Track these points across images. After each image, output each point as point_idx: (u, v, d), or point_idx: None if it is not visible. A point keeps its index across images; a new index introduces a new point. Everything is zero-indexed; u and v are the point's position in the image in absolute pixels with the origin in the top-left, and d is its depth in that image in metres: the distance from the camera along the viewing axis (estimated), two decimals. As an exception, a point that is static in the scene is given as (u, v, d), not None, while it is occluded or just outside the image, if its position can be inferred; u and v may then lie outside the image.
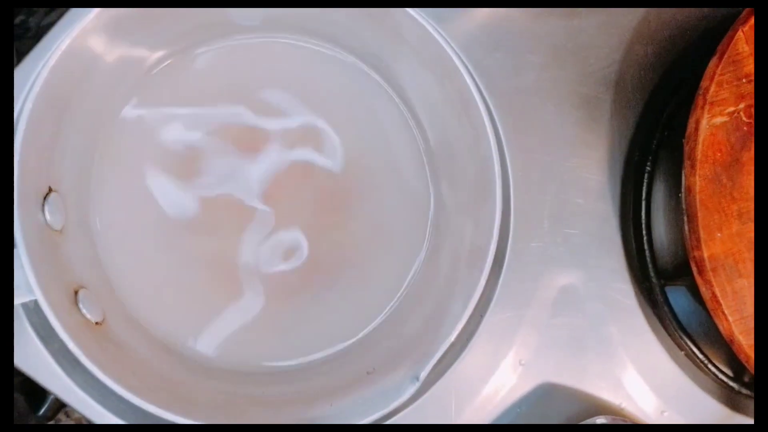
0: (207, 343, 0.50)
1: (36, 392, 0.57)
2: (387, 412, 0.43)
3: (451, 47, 0.45)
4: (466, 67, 0.45)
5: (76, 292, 0.45)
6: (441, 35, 0.45)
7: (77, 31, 0.43)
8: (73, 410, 0.58)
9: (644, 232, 0.49)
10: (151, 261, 0.50)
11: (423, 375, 0.43)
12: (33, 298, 0.41)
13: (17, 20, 0.64)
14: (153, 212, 0.50)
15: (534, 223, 0.50)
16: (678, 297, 0.50)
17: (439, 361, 0.44)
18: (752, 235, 0.44)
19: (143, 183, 0.50)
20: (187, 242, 0.50)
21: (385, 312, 0.51)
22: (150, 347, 0.49)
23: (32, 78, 0.43)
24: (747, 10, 0.44)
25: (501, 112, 0.47)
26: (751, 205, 0.44)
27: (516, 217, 0.48)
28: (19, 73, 0.46)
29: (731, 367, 0.50)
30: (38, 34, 0.63)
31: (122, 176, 0.50)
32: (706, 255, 0.44)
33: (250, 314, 0.50)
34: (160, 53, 0.50)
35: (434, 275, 0.50)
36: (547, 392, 0.49)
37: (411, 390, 0.43)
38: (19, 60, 0.47)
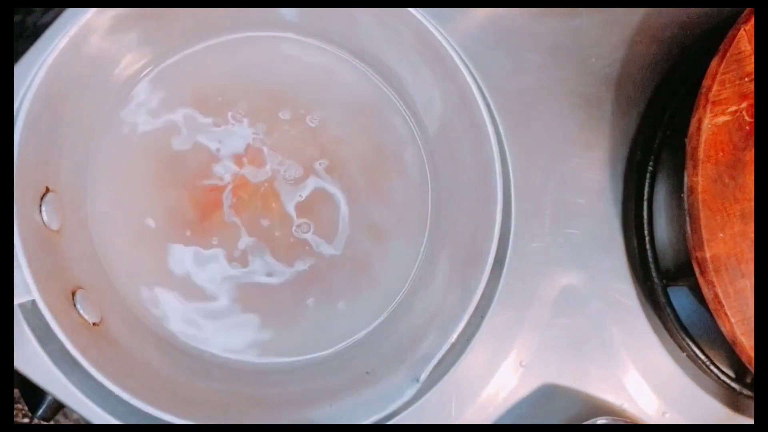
0: (206, 340, 0.50)
1: (34, 393, 0.56)
2: (387, 413, 0.43)
3: (452, 47, 0.45)
4: (467, 67, 0.45)
5: (73, 293, 0.45)
6: (442, 35, 0.45)
7: (74, 31, 0.43)
8: (72, 411, 0.58)
9: (646, 232, 0.49)
10: (148, 259, 0.50)
11: (423, 376, 0.43)
12: (31, 298, 0.41)
13: (15, 19, 0.64)
14: (150, 212, 0.50)
15: (535, 223, 0.49)
16: (680, 298, 0.50)
17: (440, 362, 0.44)
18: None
19: (140, 182, 0.50)
20: (185, 241, 0.50)
21: (385, 313, 0.51)
22: (149, 347, 0.49)
23: (30, 77, 0.43)
24: (749, 9, 0.44)
25: (502, 111, 0.47)
26: (753, 206, 0.43)
27: (517, 217, 0.48)
28: (17, 72, 0.45)
29: (733, 369, 0.49)
30: (36, 33, 0.63)
31: (119, 176, 0.50)
32: (708, 255, 0.43)
33: (250, 313, 0.50)
34: (156, 54, 0.50)
35: (434, 276, 0.50)
36: (548, 393, 0.49)
37: (411, 391, 0.43)
38: (17, 59, 0.47)
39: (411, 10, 0.44)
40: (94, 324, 0.45)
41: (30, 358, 0.44)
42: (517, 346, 0.49)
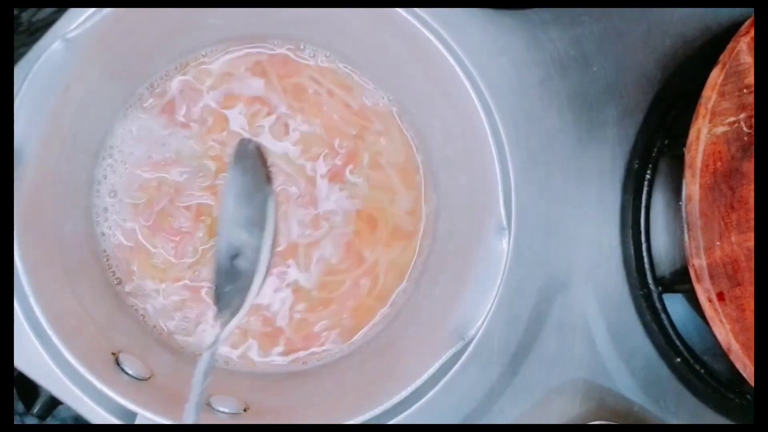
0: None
1: (28, 391, 0.56)
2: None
3: (454, 52, 0.45)
4: (470, 73, 0.46)
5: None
6: (443, 39, 0.45)
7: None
8: (64, 410, 0.58)
9: (643, 239, 0.49)
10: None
11: (471, 333, 0.43)
12: None
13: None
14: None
15: (533, 229, 0.50)
16: (674, 305, 0.50)
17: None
18: (750, 244, 0.44)
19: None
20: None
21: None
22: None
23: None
24: (748, 21, 0.45)
25: (503, 117, 0.47)
26: (750, 215, 0.44)
27: (516, 222, 0.48)
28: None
29: (728, 376, 0.50)
30: (30, 29, 0.62)
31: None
32: (705, 263, 0.44)
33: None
34: (157, 65, 0.51)
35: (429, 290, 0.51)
36: (544, 396, 0.49)
37: (457, 346, 0.43)
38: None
39: (407, 13, 0.45)
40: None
41: (29, 356, 0.44)
42: (515, 350, 0.49)
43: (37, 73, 0.41)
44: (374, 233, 0.52)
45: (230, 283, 0.41)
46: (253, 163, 0.39)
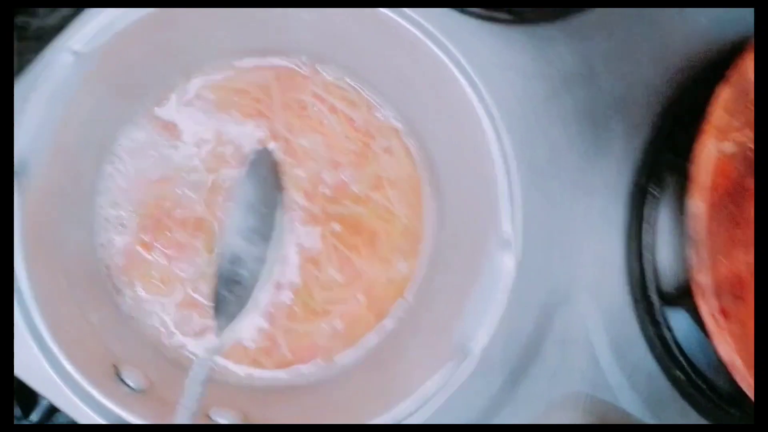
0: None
1: (27, 398, 0.56)
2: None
3: (461, 66, 0.45)
4: (476, 87, 0.46)
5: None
6: (451, 53, 0.45)
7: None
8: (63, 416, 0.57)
9: (648, 254, 0.49)
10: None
11: (474, 348, 0.43)
12: None
13: (19, 21, 0.63)
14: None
15: (537, 242, 0.50)
16: (678, 320, 0.50)
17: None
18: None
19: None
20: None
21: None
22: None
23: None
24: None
25: (509, 131, 0.47)
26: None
27: (520, 235, 0.48)
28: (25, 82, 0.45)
29: (730, 392, 0.50)
30: (38, 35, 0.62)
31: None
32: (709, 279, 0.44)
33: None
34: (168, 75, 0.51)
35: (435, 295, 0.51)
36: (545, 410, 0.49)
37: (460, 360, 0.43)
38: (19, 62, 0.47)
39: (417, 31, 0.45)
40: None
41: (26, 362, 0.44)
42: (516, 361, 0.49)
43: (44, 84, 0.41)
44: (374, 248, 0.52)
45: (229, 290, 0.41)
46: (267, 173, 0.39)
